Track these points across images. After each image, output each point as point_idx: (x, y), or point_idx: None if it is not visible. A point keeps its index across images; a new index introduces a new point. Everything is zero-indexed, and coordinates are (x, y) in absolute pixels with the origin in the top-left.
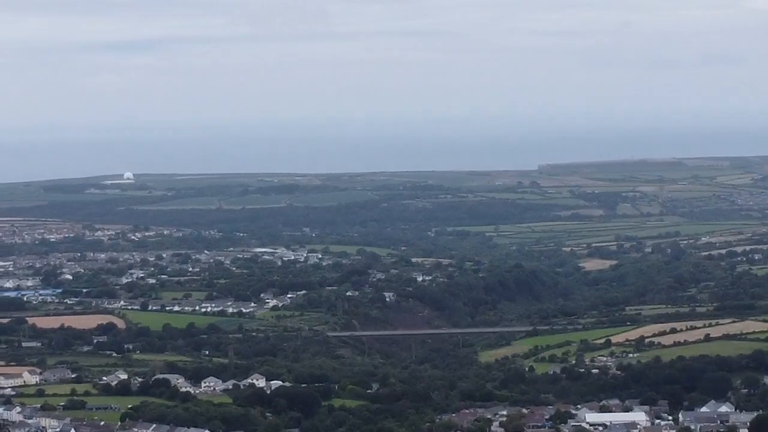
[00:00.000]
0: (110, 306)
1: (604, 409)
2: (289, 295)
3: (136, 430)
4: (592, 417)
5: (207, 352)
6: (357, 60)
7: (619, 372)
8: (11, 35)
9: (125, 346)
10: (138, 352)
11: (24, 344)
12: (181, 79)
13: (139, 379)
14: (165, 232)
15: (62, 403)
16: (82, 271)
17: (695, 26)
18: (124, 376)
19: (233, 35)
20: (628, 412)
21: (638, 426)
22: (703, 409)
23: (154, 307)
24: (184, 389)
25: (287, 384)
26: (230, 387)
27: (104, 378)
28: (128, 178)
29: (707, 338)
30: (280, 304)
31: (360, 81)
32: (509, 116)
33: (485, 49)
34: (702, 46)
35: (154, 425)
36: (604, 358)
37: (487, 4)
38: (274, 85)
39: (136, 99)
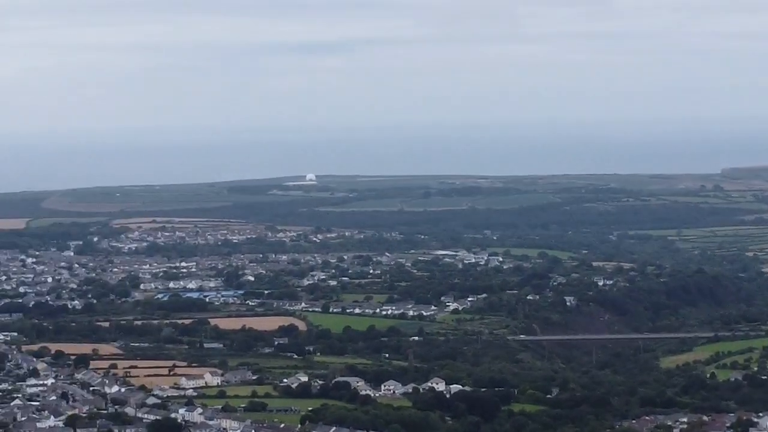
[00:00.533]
0: (291, 308)
1: None
2: (469, 299)
3: None
4: None
5: (387, 355)
6: (542, 62)
7: None
8: (199, 37)
9: (306, 348)
10: (318, 354)
11: (206, 345)
12: (368, 81)
13: (320, 382)
14: (346, 234)
15: (243, 405)
16: (264, 272)
17: None
18: (304, 379)
19: (420, 37)
20: None
21: None
22: None
23: (335, 309)
24: (364, 392)
25: (467, 388)
26: (410, 390)
27: (285, 380)
28: (311, 180)
29: None
30: (461, 308)
31: (545, 83)
32: (694, 118)
33: (671, 52)
34: None
35: (334, 428)
36: None
37: (677, 6)
38: (459, 86)
39: (321, 100)
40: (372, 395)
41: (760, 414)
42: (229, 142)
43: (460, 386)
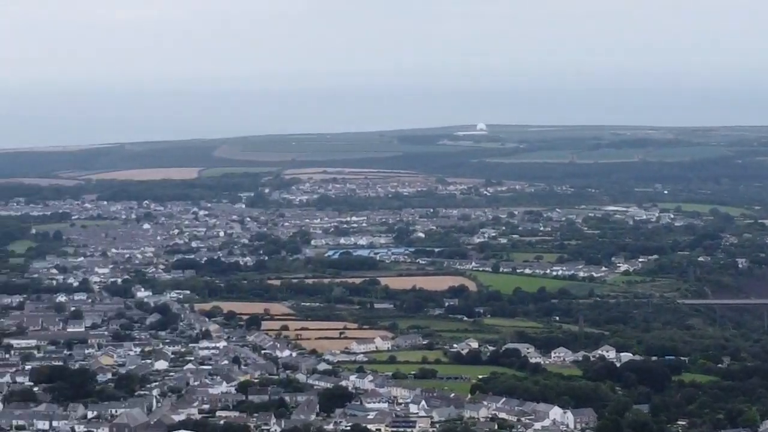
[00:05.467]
0: (462, 267)
1: None
2: (640, 260)
3: (485, 402)
4: None
5: (557, 318)
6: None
7: None
8: None
9: (476, 310)
10: (488, 316)
11: (376, 306)
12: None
13: (490, 348)
14: (517, 187)
15: (413, 372)
16: (434, 228)
17: None
18: (474, 344)
19: None
20: None
21: None
22: None
23: (505, 269)
24: (534, 360)
25: (637, 357)
26: (580, 358)
27: (455, 345)
28: (481, 129)
29: None
30: (631, 269)
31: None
32: None
33: None
34: None
35: (504, 398)
36: None
37: None
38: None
39: (487, 44)
40: (542, 363)
41: None
42: (394, 88)
43: (631, 354)
